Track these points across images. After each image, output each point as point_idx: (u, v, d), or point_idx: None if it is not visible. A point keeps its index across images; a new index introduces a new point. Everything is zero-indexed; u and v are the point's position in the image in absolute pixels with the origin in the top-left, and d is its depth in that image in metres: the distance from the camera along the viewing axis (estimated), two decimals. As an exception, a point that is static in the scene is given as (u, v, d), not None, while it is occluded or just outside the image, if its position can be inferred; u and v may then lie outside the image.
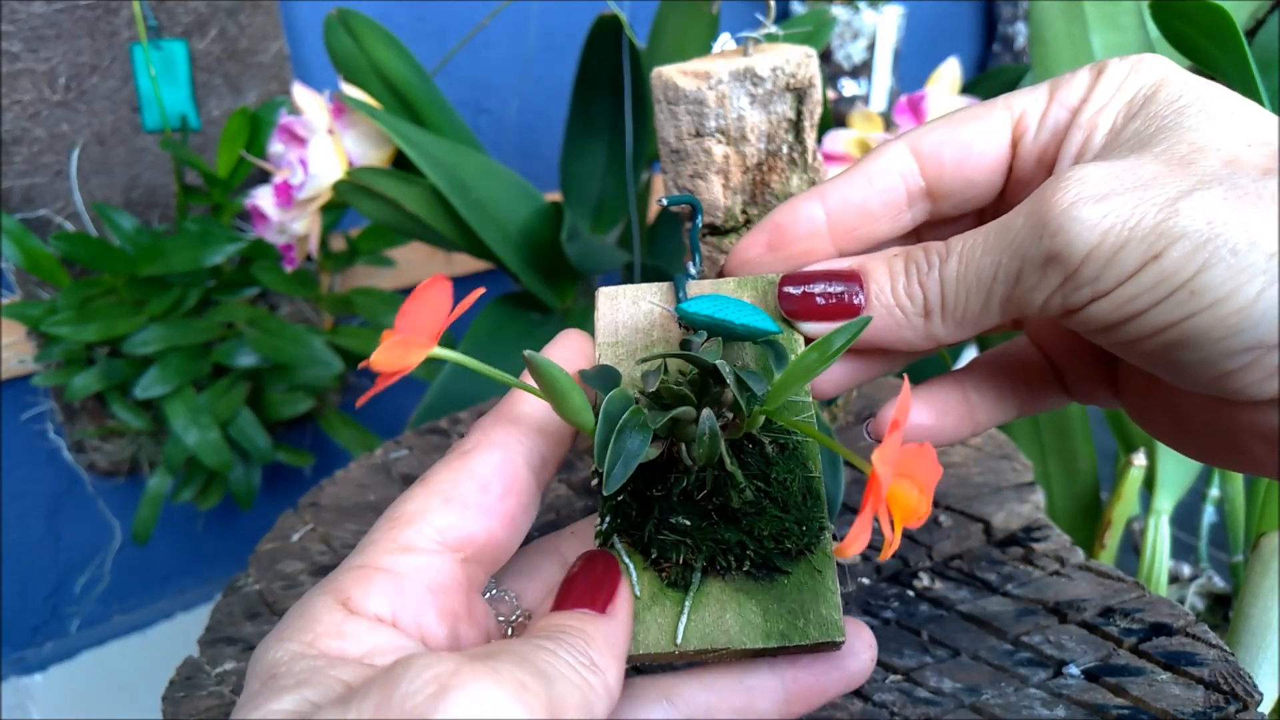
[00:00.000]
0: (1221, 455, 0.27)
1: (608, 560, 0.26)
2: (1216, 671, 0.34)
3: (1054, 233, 0.23)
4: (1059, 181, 0.24)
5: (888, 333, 0.27)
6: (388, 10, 1.01)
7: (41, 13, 0.84)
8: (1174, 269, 0.22)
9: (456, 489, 0.25)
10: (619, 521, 0.27)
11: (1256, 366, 0.22)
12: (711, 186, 0.38)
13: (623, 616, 0.25)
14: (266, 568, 0.45)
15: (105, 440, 0.97)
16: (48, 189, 0.89)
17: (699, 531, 0.26)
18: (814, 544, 0.26)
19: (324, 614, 0.22)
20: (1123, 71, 0.27)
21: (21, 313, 0.85)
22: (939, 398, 0.30)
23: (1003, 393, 0.30)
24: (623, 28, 0.67)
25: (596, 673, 0.22)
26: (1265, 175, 0.22)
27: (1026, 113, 0.28)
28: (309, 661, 0.21)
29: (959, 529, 0.43)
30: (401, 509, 0.24)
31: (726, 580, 0.26)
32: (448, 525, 0.24)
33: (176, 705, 0.37)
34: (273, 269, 0.90)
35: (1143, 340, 0.23)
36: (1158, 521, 0.63)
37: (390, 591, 0.23)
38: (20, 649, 1.01)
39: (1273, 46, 0.51)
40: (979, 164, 0.28)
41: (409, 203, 0.64)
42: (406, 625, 0.23)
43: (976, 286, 0.26)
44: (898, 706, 0.34)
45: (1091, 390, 0.30)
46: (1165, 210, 0.22)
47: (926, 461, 0.23)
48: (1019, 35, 1.48)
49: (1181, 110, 0.25)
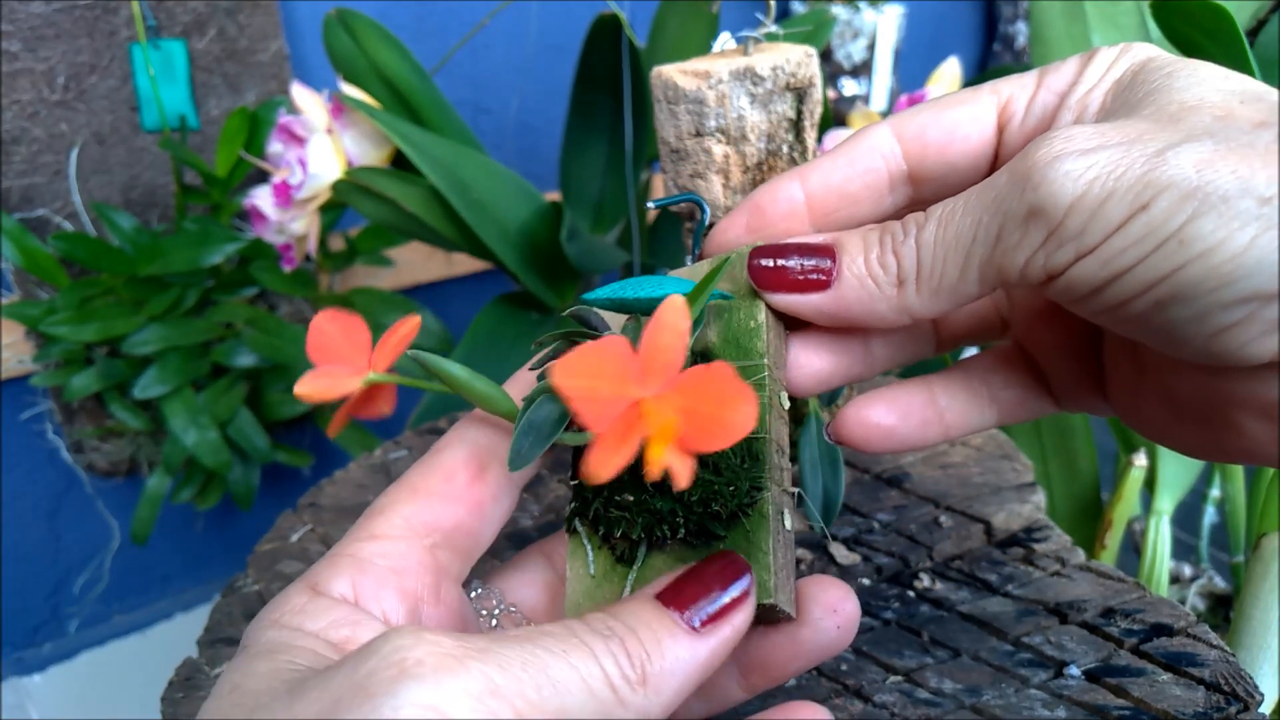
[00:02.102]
0: (1218, 443, 0.25)
1: (734, 567, 0.24)
2: (1217, 672, 0.34)
3: (1036, 185, 0.22)
4: (1043, 138, 0.23)
5: (859, 305, 0.26)
6: (387, 10, 1.00)
7: (40, 12, 0.84)
8: (1162, 219, 0.21)
9: (424, 480, 0.26)
10: (577, 505, 0.27)
11: (1253, 321, 0.21)
12: (711, 186, 0.38)
13: (717, 644, 0.23)
14: (266, 568, 0.45)
15: (104, 440, 0.97)
16: (47, 189, 0.89)
17: (638, 504, 0.26)
18: (748, 506, 0.26)
19: (293, 596, 0.24)
20: (1111, 55, 0.26)
21: (20, 313, 0.85)
22: (902, 398, 0.29)
23: (979, 399, 0.29)
24: (623, 27, 0.67)
25: (638, 691, 0.21)
26: (1258, 128, 0.21)
27: (1013, 98, 0.27)
28: (275, 633, 0.22)
29: (959, 529, 0.43)
30: (374, 505, 0.26)
31: (666, 551, 0.26)
32: (413, 512, 0.25)
33: (176, 705, 0.37)
34: (272, 269, 0.90)
35: (1132, 301, 0.22)
36: (1158, 522, 0.63)
37: (351, 572, 0.24)
38: (19, 649, 1.01)
39: (1273, 46, 0.51)
40: (962, 147, 0.27)
41: (408, 202, 0.64)
42: (367, 603, 0.24)
43: (955, 248, 0.24)
44: (898, 707, 0.34)
45: (1079, 395, 0.29)
46: (1152, 161, 0.21)
47: (714, 383, 0.20)
48: (1020, 35, 1.48)
49: (1171, 74, 0.24)
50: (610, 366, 0.20)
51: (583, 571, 0.27)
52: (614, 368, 0.20)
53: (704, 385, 0.20)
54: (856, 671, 0.36)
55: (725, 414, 0.20)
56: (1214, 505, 0.78)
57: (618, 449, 0.20)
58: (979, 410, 0.29)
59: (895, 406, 0.29)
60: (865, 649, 0.37)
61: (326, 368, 0.26)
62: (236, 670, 0.22)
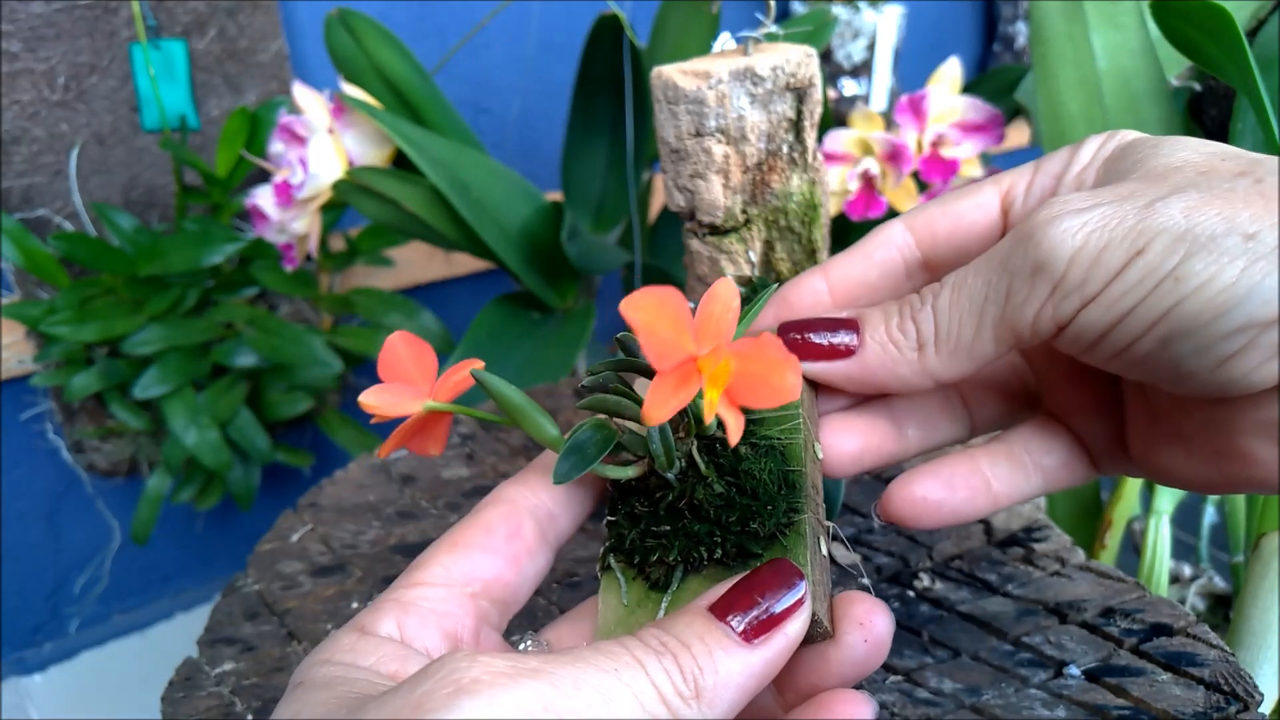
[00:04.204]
0: (1230, 475, 0.27)
1: (788, 575, 0.24)
2: (1217, 672, 0.34)
3: (1038, 242, 0.24)
4: (1042, 205, 0.25)
5: (883, 370, 0.28)
6: (388, 10, 1.00)
7: (41, 12, 0.84)
8: (1158, 260, 0.23)
9: (463, 534, 0.27)
10: (613, 541, 0.28)
11: (1252, 348, 0.23)
12: (711, 186, 0.38)
13: (772, 655, 0.22)
14: (266, 568, 0.45)
15: (104, 440, 0.97)
16: (47, 189, 0.89)
17: (674, 531, 0.27)
18: (786, 526, 0.26)
19: (341, 638, 0.24)
20: (1099, 139, 0.29)
21: (21, 313, 0.85)
22: (947, 471, 0.30)
23: (1023, 468, 0.30)
24: (623, 27, 0.67)
25: (691, 706, 0.21)
26: (1238, 177, 0.23)
27: (1014, 184, 0.29)
28: (328, 669, 0.23)
29: (959, 529, 0.43)
30: (417, 560, 0.27)
31: (702, 573, 0.26)
32: (453, 561, 0.26)
33: (176, 705, 0.37)
34: (272, 269, 0.90)
35: (1137, 341, 0.24)
36: (1158, 522, 0.63)
37: (396, 614, 0.25)
38: (20, 649, 1.01)
39: (1273, 46, 0.51)
40: (970, 232, 0.29)
41: (409, 202, 0.64)
42: (412, 641, 0.24)
43: (969, 310, 0.26)
44: (898, 707, 0.34)
45: (1113, 454, 0.30)
46: (1143, 212, 0.23)
47: (764, 349, 0.23)
48: (1019, 35, 1.48)
49: (1156, 146, 0.26)
50: (672, 312, 0.22)
51: (615, 602, 0.27)
52: (675, 315, 0.22)
53: (754, 350, 0.23)
54: (856, 671, 0.36)
55: (773, 376, 0.22)
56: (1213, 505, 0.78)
57: (675, 392, 0.22)
58: (1024, 479, 0.30)
59: (941, 480, 0.29)
60: (865, 649, 0.37)
61: (393, 385, 0.27)
62: (293, 702, 0.22)
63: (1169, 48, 0.49)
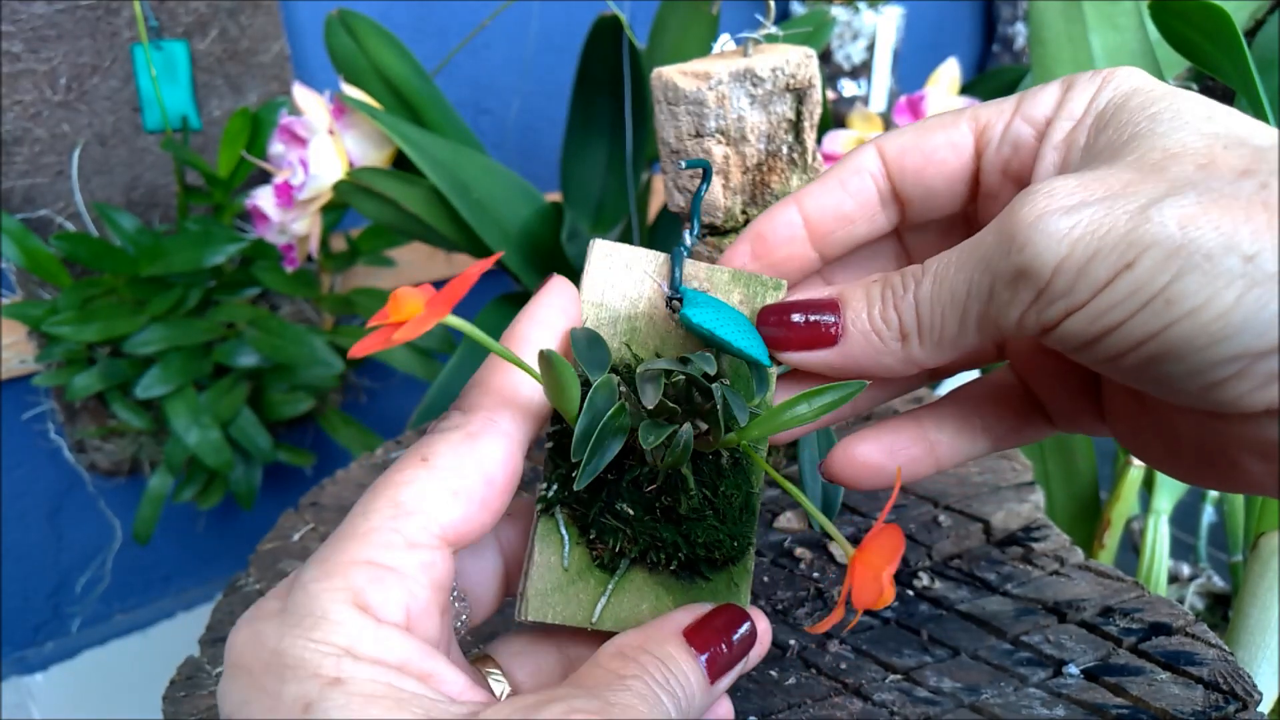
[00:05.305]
0: (1217, 476, 0.26)
1: (739, 619, 0.27)
2: (1216, 671, 0.34)
3: (1021, 247, 0.23)
4: (1027, 195, 0.23)
5: (867, 359, 0.27)
6: (388, 10, 1.01)
7: (42, 13, 0.84)
8: (1148, 277, 0.21)
9: (463, 481, 0.24)
10: (564, 493, 0.27)
11: (1246, 375, 0.21)
12: (711, 187, 0.38)
13: (720, 689, 0.26)
14: (267, 567, 0.45)
15: (106, 440, 0.97)
16: (49, 189, 0.89)
17: (640, 524, 0.27)
18: (739, 558, 0.28)
19: (343, 616, 0.22)
20: (1093, 85, 0.26)
21: (22, 313, 0.85)
22: (890, 435, 0.29)
23: (971, 428, 0.30)
24: (623, 28, 0.67)
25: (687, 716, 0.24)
26: (1241, 177, 0.21)
27: (990, 125, 0.28)
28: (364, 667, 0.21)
29: (958, 529, 0.43)
30: (403, 492, 0.24)
31: (652, 573, 0.28)
32: (449, 521, 0.24)
33: (177, 705, 0.37)
34: (273, 269, 0.90)
35: (1124, 355, 0.22)
36: (1157, 521, 0.63)
37: (403, 595, 0.23)
38: (21, 648, 1.01)
39: (1272, 47, 0.51)
40: (938, 172, 0.28)
41: (409, 203, 0.64)
42: (418, 628, 0.23)
43: (951, 305, 0.25)
44: (897, 706, 0.34)
45: (1077, 418, 0.30)
46: (1136, 218, 0.21)
47: (890, 540, 0.24)
48: (1019, 36, 1.48)
49: (1154, 116, 0.24)
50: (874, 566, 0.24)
51: (556, 562, 0.27)
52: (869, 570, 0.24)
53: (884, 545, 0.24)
54: (856, 670, 0.36)
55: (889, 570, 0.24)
56: (1212, 505, 0.78)
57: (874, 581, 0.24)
58: (970, 440, 0.30)
59: (883, 443, 0.29)
60: (865, 648, 0.37)
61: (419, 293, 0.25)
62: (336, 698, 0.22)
63: (1168, 48, 0.49)
